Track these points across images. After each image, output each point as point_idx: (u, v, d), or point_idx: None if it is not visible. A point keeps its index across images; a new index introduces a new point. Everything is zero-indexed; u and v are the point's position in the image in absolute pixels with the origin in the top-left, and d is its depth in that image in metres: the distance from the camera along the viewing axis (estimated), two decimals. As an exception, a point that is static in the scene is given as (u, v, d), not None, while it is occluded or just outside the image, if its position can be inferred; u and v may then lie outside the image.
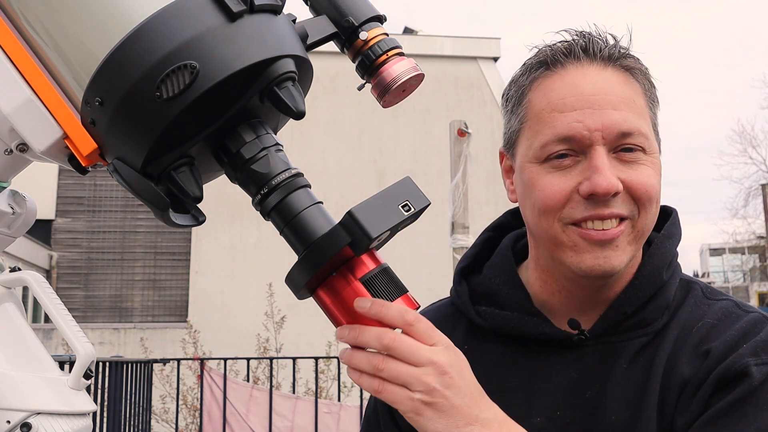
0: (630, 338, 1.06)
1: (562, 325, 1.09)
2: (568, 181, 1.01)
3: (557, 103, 1.03)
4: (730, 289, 40.49)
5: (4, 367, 0.70)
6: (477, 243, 1.24)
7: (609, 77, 1.04)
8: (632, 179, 1.01)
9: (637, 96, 1.04)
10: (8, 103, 0.72)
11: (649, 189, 1.01)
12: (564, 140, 1.01)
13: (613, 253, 1.01)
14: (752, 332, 1.02)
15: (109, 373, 4.38)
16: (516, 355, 1.10)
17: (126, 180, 0.71)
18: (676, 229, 1.14)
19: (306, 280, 0.77)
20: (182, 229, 1.26)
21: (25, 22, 0.74)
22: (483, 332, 1.14)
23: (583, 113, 1.01)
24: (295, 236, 0.77)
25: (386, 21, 0.86)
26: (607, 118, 1.00)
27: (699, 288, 1.12)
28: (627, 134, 1.00)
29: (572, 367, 1.07)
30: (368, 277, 0.80)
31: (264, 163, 0.76)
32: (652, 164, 1.03)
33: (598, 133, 1.00)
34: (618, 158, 1.01)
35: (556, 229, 1.03)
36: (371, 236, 0.74)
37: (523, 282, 1.15)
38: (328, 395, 7.83)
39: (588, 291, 1.08)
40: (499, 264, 1.17)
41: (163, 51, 0.68)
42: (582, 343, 1.07)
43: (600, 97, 1.01)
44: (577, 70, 1.04)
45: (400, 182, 0.79)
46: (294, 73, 0.74)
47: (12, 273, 0.76)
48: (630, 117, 1.01)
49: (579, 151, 1.01)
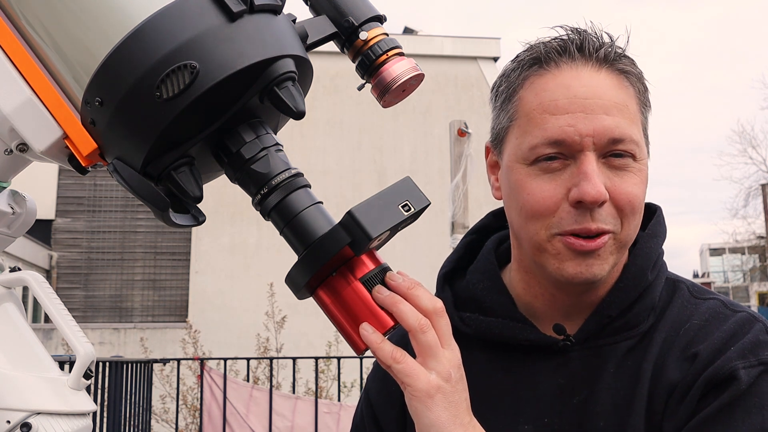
0: (616, 341, 1.05)
1: (548, 330, 1.07)
2: (558, 187, 1.00)
3: (549, 105, 1.01)
4: (730, 289, 40.48)
5: (4, 367, 0.70)
6: (459, 247, 1.22)
7: (603, 80, 1.01)
8: (618, 189, 0.99)
9: (630, 101, 1.02)
10: (8, 103, 0.72)
11: (632, 200, 1.00)
12: (554, 143, 0.99)
13: (596, 261, 1.00)
14: (740, 333, 1.00)
15: (109, 373, 4.38)
16: (501, 362, 1.09)
17: (126, 180, 0.71)
18: (661, 227, 1.13)
19: (306, 280, 0.77)
20: (182, 229, 1.26)
21: (25, 22, 0.74)
22: (467, 339, 1.10)
23: (575, 117, 0.99)
24: (295, 236, 0.77)
25: (386, 21, 0.86)
26: (599, 123, 0.98)
27: (685, 287, 1.10)
28: (618, 140, 0.99)
29: (559, 373, 1.05)
30: (368, 277, 0.80)
31: (264, 163, 0.76)
32: (639, 172, 1.01)
33: (589, 138, 0.98)
34: (607, 163, 1.00)
35: (542, 237, 1.01)
36: (371, 236, 0.74)
37: (506, 285, 1.13)
38: (328, 395, 7.83)
39: (571, 295, 1.07)
40: (483, 269, 1.15)
41: (163, 51, 0.68)
42: (568, 348, 1.06)
43: (593, 101, 0.99)
44: (570, 71, 1.02)
45: (400, 182, 0.79)
46: (294, 73, 0.74)
47: (12, 273, 0.76)
48: (622, 123, 0.99)
49: (568, 155, 0.99)
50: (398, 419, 1.14)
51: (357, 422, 1.22)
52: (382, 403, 1.17)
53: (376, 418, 1.17)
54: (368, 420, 1.18)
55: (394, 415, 1.15)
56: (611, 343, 1.05)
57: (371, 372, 1.24)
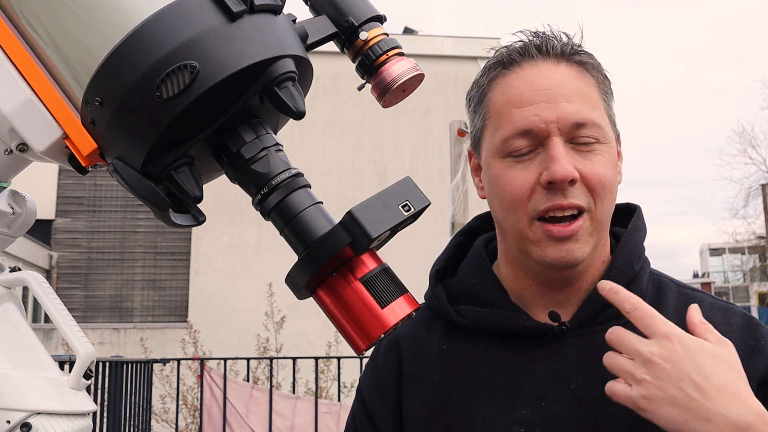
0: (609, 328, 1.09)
1: (541, 319, 1.12)
2: (531, 173, 1.06)
3: (515, 99, 1.08)
4: (730, 289, 40.49)
5: (4, 367, 0.70)
6: (449, 247, 1.28)
7: (563, 72, 1.09)
8: (587, 170, 1.05)
9: (590, 88, 1.09)
10: (8, 103, 0.72)
11: (602, 179, 1.06)
12: (523, 134, 1.06)
13: (575, 245, 1.06)
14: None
15: (109, 373, 4.38)
16: (497, 351, 1.13)
17: (126, 180, 0.71)
18: (642, 223, 1.20)
19: (306, 280, 0.77)
20: (182, 229, 1.26)
21: (25, 22, 0.74)
22: (463, 331, 1.16)
23: (539, 107, 1.06)
24: (295, 236, 0.77)
25: (386, 21, 0.86)
26: (561, 110, 1.05)
27: (669, 281, 1.18)
28: (581, 124, 1.06)
29: (554, 359, 1.09)
30: (368, 277, 0.79)
31: (264, 163, 0.76)
32: (606, 153, 1.08)
33: (554, 124, 1.05)
34: (575, 149, 1.06)
35: (524, 224, 1.07)
36: (371, 236, 0.74)
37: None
38: (328, 395, 7.84)
39: (557, 282, 1.12)
40: (474, 264, 1.20)
41: (163, 51, 0.68)
42: (562, 335, 1.10)
43: (554, 90, 1.07)
44: (532, 68, 1.10)
45: (400, 182, 0.79)
46: (294, 73, 0.74)
47: (12, 273, 0.76)
48: (583, 108, 1.06)
49: (537, 144, 1.06)
50: (392, 416, 1.17)
51: (349, 424, 1.25)
52: (375, 402, 1.19)
53: (369, 417, 1.19)
54: (361, 420, 1.20)
55: (388, 411, 1.17)
56: (604, 330, 1.08)
57: (363, 372, 1.27)
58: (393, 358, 1.20)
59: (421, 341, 1.19)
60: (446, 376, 1.14)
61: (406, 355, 1.18)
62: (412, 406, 1.15)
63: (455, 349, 1.15)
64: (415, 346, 1.19)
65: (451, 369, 1.14)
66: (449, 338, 1.17)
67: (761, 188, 23.66)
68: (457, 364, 1.14)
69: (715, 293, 42.21)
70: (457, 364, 1.14)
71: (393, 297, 0.80)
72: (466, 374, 1.12)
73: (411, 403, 1.15)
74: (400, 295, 0.81)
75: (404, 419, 1.15)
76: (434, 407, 1.13)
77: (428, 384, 1.14)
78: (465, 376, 1.12)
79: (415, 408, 1.14)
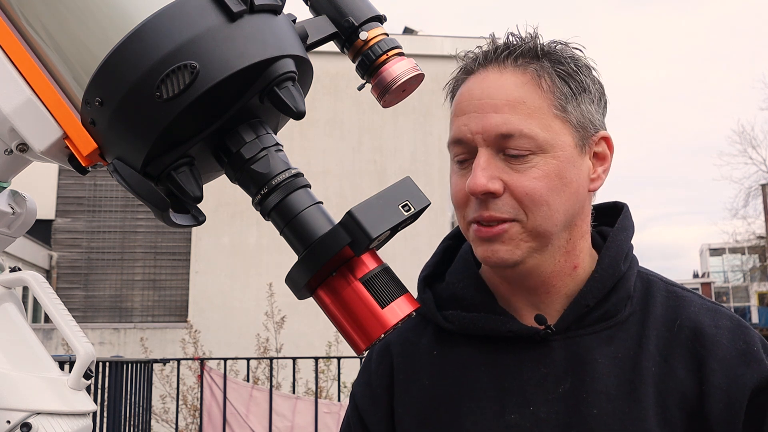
0: (596, 331, 1.10)
1: (528, 322, 1.12)
2: (465, 181, 1.08)
3: (456, 108, 1.12)
4: (730, 289, 40.48)
5: (4, 367, 0.70)
6: (438, 252, 1.28)
7: (505, 80, 1.08)
8: (513, 181, 1.05)
9: (530, 96, 1.06)
10: (8, 103, 0.72)
11: (530, 192, 1.04)
12: (456, 142, 1.09)
13: (502, 247, 1.06)
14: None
15: (109, 373, 4.38)
16: (485, 355, 1.13)
17: (126, 180, 0.71)
18: (629, 222, 1.19)
19: (306, 280, 0.77)
20: (182, 229, 1.26)
21: (25, 22, 0.74)
22: (451, 336, 1.16)
23: (469, 117, 1.08)
24: (295, 236, 0.77)
25: (386, 21, 0.86)
26: (487, 121, 1.06)
27: (658, 279, 1.17)
28: (507, 136, 1.05)
29: (542, 363, 1.09)
30: (368, 277, 0.79)
31: (264, 163, 0.76)
32: (543, 165, 1.05)
33: (479, 135, 1.06)
34: (506, 160, 1.06)
35: (464, 226, 1.12)
36: (371, 236, 0.74)
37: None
38: (328, 395, 7.84)
39: (519, 284, 1.13)
40: (461, 269, 1.21)
41: (163, 51, 0.68)
42: (549, 339, 1.10)
43: (484, 101, 1.07)
44: (479, 76, 1.11)
45: (400, 182, 0.79)
46: (294, 73, 0.74)
47: (12, 273, 0.75)
48: (512, 119, 1.05)
49: (472, 153, 1.08)
50: (384, 422, 1.17)
51: (344, 428, 1.25)
52: (367, 408, 1.20)
53: (363, 422, 1.20)
54: (355, 425, 1.21)
55: (380, 417, 1.18)
56: (591, 332, 1.10)
57: (357, 377, 1.27)
58: (385, 364, 1.20)
59: (411, 347, 1.19)
60: (436, 382, 1.14)
61: (398, 362, 1.19)
62: (404, 412, 1.15)
63: (445, 355, 1.16)
64: (406, 352, 1.19)
65: (441, 374, 1.14)
66: (439, 344, 1.17)
67: (761, 188, 23.68)
68: (446, 369, 1.15)
69: (715, 293, 42.19)
70: (446, 370, 1.15)
71: (393, 297, 0.80)
72: (455, 379, 1.13)
73: (402, 408, 1.15)
74: (400, 295, 0.81)
75: (396, 425, 1.16)
76: (425, 413, 1.13)
77: (419, 389, 1.15)
78: (454, 381, 1.13)
79: (406, 414, 1.15)
